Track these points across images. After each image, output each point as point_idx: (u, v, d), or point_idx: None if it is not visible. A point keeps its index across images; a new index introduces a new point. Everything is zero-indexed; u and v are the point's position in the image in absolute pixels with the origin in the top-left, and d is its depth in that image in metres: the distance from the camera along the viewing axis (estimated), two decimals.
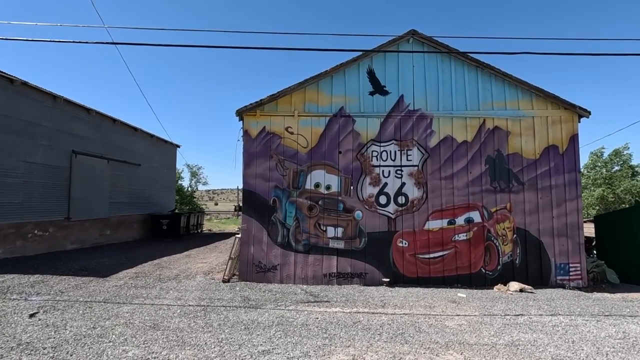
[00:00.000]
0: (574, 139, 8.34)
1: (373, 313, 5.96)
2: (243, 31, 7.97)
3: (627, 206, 19.45)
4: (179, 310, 5.79)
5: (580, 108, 8.28)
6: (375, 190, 8.27)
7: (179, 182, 29.95)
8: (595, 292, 7.76)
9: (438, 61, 8.54)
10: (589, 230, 10.00)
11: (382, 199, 8.26)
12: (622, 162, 22.90)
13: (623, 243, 8.86)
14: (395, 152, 8.35)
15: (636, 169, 21.34)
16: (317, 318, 5.58)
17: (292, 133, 8.37)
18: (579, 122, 8.41)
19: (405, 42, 8.53)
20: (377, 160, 8.33)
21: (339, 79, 8.50)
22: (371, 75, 8.50)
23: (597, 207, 21.09)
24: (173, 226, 17.54)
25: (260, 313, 5.78)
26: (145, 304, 6.18)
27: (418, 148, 8.36)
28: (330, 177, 8.29)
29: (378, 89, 8.49)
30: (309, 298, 6.87)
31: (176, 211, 20.36)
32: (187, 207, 28.66)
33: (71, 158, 12.87)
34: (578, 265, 8.12)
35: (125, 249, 13.01)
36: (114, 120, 15.42)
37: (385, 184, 8.28)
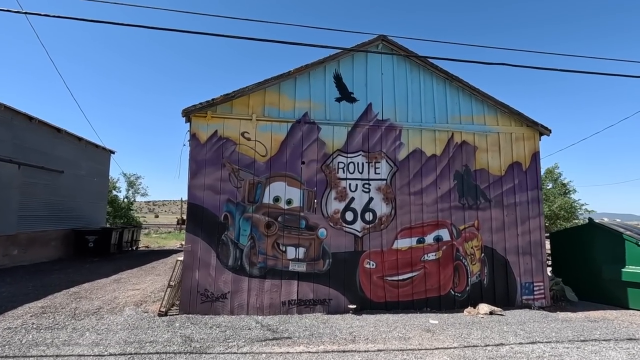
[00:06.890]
0: (535, 157, 8.34)
1: (344, 351, 5.06)
2: (193, 12, 6.79)
3: (564, 222, 20.95)
4: None
5: (542, 126, 8.33)
6: (342, 205, 7.48)
7: (113, 192, 26.75)
8: (559, 312, 7.63)
9: (407, 70, 8.13)
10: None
11: (349, 216, 7.49)
12: (554, 180, 24.87)
13: (576, 260, 9.00)
14: (363, 164, 7.67)
15: (567, 187, 23.29)
16: None
17: (249, 139, 7.33)
18: (540, 139, 8.47)
19: (375, 47, 8.00)
20: (344, 172, 7.57)
21: (303, 82, 7.68)
22: (338, 80, 7.81)
23: None
24: (102, 243, 15.15)
25: None
26: (46, 355, 4.64)
27: (387, 161, 7.77)
28: (291, 190, 7.35)
29: (345, 95, 7.81)
30: (266, 334, 5.77)
31: (107, 226, 17.84)
32: (122, 221, 25.60)
33: None
34: (541, 284, 8.00)
35: (35, 273, 10.72)
36: (30, 118, 13.02)
37: (352, 199, 7.53)
